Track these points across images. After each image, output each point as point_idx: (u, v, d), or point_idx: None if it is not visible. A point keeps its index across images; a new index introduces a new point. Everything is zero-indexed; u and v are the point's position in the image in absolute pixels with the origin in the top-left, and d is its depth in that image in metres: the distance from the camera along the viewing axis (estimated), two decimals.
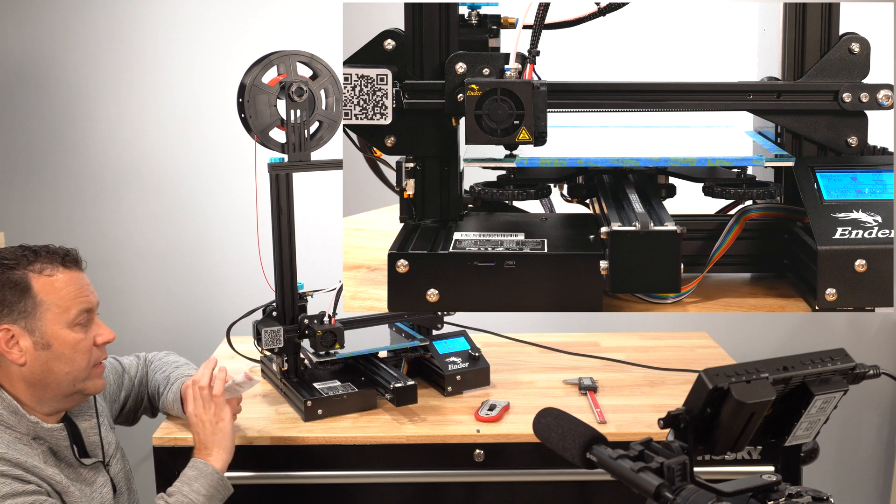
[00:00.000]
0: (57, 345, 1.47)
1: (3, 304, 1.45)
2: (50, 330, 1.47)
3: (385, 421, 1.76)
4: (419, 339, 1.93)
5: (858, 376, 1.06)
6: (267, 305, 1.89)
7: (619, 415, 1.79)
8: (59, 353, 1.48)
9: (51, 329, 1.47)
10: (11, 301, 1.45)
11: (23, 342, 1.46)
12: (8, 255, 1.48)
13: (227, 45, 2.47)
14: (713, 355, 2.16)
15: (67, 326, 1.48)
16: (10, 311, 1.45)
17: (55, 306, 1.47)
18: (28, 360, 1.46)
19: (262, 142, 1.81)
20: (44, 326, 1.46)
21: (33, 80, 2.49)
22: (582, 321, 2.42)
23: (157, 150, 2.54)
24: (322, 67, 1.84)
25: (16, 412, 1.45)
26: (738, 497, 0.96)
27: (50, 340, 1.47)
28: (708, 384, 0.97)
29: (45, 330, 1.46)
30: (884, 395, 2.68)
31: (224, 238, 2.56)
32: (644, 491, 0.95)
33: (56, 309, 1.47)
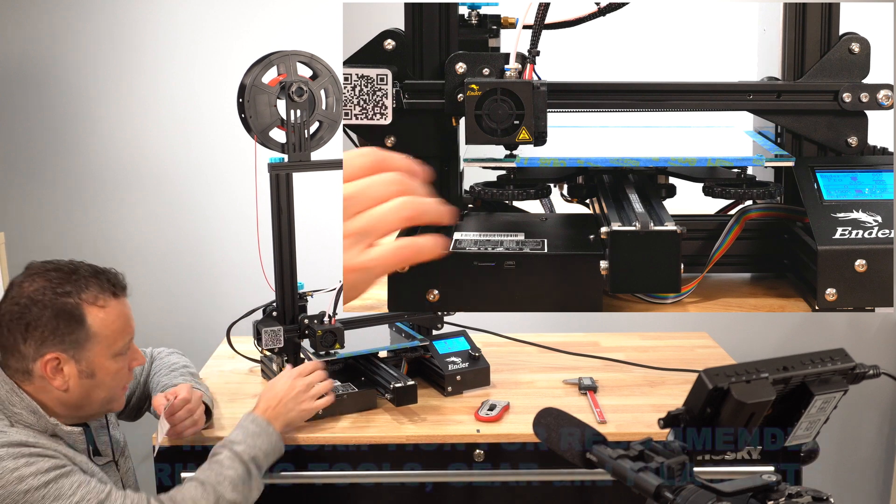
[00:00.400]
0: (100, 374, 1.49)
1: (55, 333, 1.44)
2: (96, 361, 1.48)
3: (385, 421, 1.76)
4: (419, 339, 1.93)
5: (858, 376, 1.06)
6: (267, 305, 1.89)
7: (619, 415, 1.79)
8: (100, 381, 1.50)
9: (97, 360, 1.48)
10: (64, 331, 1.44)
11: (67, 369, 1.46)
12: (59, 279, 1.46)
13: (227, 45, 2.47)
14: (713, 355, 2.16)
15: (111, 357, 1.50)
16: (61, 341, 1.44)
17: (105, 339, 1.48)
18: (71, 387, 1.47)
19: (262, 142, 1.81)
20: (91, 357, 1.47)
21: (33, 80, 2.49)
22: (582, 321, 2.41)
23: (157, 150, 2.54)
24: (322, 67, 1.84)
25: (35, 412, 1.45)
26: (738, 497, 0.96)
27: (95, 370, 1.48)
28: (708, 384, 0.97)
29: (91, 360, 1.47)
30: (884, 395, 2.68)
31: (224, 238, 2.56)
32: (644, 491, 0.95)
33: (106, 342, 1.48)
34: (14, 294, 1.45)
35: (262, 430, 1.60)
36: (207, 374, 2.02)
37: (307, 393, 1.69)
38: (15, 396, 1.44)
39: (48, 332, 1.43)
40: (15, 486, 1.33)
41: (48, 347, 1.44)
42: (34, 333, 1.43)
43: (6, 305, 1.45)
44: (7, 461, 1.35)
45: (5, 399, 1.44)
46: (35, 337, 1.43)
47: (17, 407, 1.44)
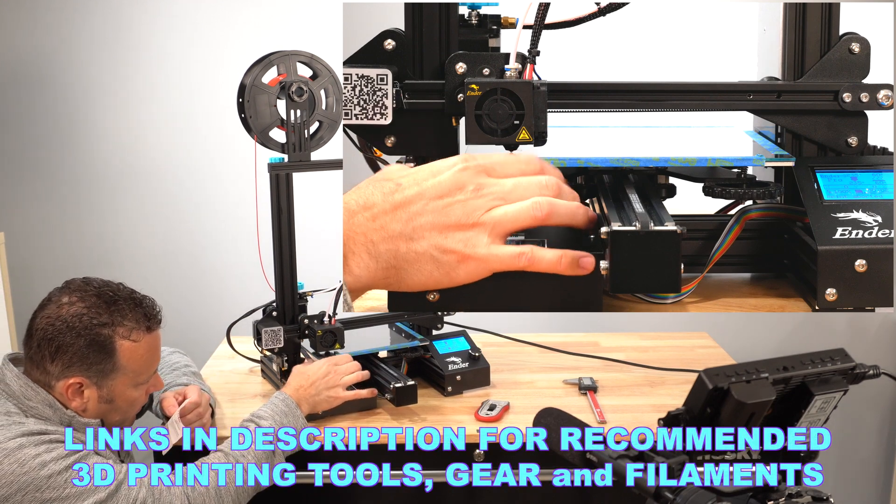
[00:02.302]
0: (119, 401, 1.51)
1: (84, 361, 1.45)
2: (118, 389, 1.50)
3: (385, 421, 1.76)
4: (419, 339, 1.93)
5: (858, 376, 1.06)
6: (267, 305, 1.89)
7: (619, 415, 1.79)
8: (118, 406, 1.51)
9: (118, 389, 1.50)
10: (92, 360, 1.45)
11: (88, 393, 1.47)
12: (97, 307, 1.46)
13: (227, 45, 2.47)
14: (713, 355, 2.16)
15: (133, 386, 1.51)
16: (87, 368, 1.45)
17: (132, 372, 1.50)
18: (88, 409, 1.49)
19: (262, 142, 1.81)
20: (114, 386, 1.49)
21: (34, 80, 2.49)
22: (582, 321, 2.42)
23: (157, 151, 2.54)
24: (322, 67, 1.84)
25: (52, 405, 1.46)
26: (738, 497, 0.96)
27: (115, 398, 1.50)
28: (708, 384, 0.97)
29: (113, 389, 1.49)
30: (884, 395, 2.68)
31: (224, 238, 2.56)
32: (644, 491, 0.95)
33: (131, 374, 1.50)
34: (51, 313, 1.45)
35: (290, 410, 1.64)
36: (207, 374, 2.02)
37: (339, 381, 1.72)
38: (31, 391, 1.45)
39: (77, 358, 1.45)
40: (38, 471, 1.35)
41: (74, 372, 1.45)
42: (63, 357, 1.44)
43: (41, 321, 1.45)
44: (28, 448, 1.37)
45: (20, 394, 1.45)
46: (63, 360, 1.45)
47: (32, 401, 1.45)
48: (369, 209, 1.38)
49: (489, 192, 1.39)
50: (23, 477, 1.34)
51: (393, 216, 1.38)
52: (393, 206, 1.38)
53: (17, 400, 1.44)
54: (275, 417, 1.61)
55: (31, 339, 1.46)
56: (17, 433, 1.38)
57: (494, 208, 1.39)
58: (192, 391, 1.68)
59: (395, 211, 1.38)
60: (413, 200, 1.38)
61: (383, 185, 1.40)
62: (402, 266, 1.38)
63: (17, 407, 1.44)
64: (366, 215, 1.38)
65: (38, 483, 1.34)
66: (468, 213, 1.38)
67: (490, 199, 1.40)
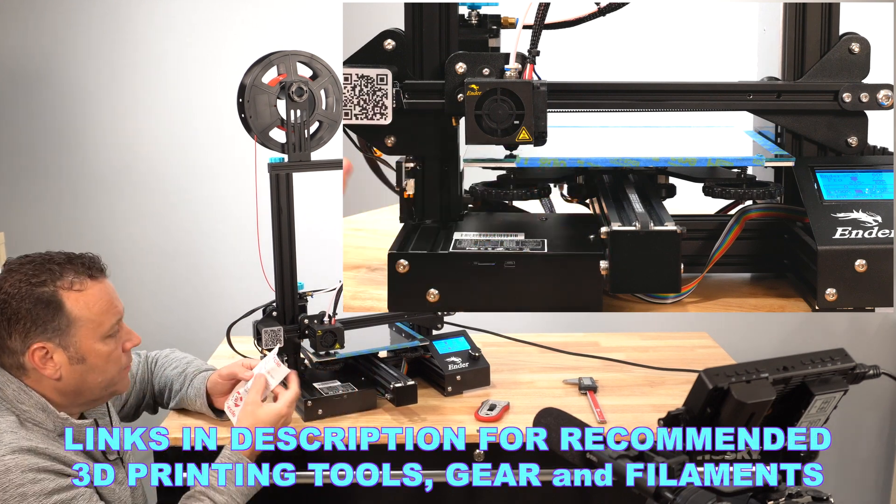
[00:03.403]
0: (91, 358, 1.48)
1: (36, 323, 1.43)
2: (84, 345, 1.47)
3: (385, 421, 1.76)
4: (419, 339, 1.93)
5: (858, 376, 1.06)
6: (267, 305, 1.89)
7: (619, 415, 1.79)
8: (93, 365, 1.49)
9: (85, 344, 1.47)
10: (44, 319, 1.44)
11: (57, 357, 1.45)
12: (33, 271, 1.46)
13: (227, 45, 2.47)
14: (713, 355, 2.16)
15: (100, 339, 1.49)
16: (43, 330, 1.44)
17: (89, 322, 1.47)
18: (63, 375, 1.46)
19: (262, 142, 1.81)
20: (78, 342, 1.46)
21: (33, 80, 2.49)
22: (582, 321, 2.41)
23: (156, 150, 2.54)
24: (322, 67, 1.84)
25: (44, 409, 1.45)
26: (738, 497, 0.96)
27: (84, 355, 1.47)
28: (708, 384, 0.98)
29: (79, 346, 1.47)
30: (884, 395, 2.68)
31: (224, 238, 2.56)
32: (644, 491, 0.95)
33: (90, 325, 1.47)
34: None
35: (239, 471, 1.56)
36: None
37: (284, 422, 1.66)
38: (23, 394, 1.44)
39: (29, 322, 1.43)
40: (17, 501, 1.34)
41: (32, 338, 1.44)
42: (17, 327, 1.43)
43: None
44: (14, 474, 1.35)
45: (13, 398, 1.44)
46: (18, 330, 1.43)
47: (25, 405, 1.44)
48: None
49: None
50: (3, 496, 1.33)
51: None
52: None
53: (11, 404, 1.44)
54: (230, 489, 1.54)
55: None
56: (8, 451, 1.37)
57: None
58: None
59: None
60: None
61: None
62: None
63: (11, 411, 1.44)
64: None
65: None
66: None
67: None
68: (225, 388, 1.74)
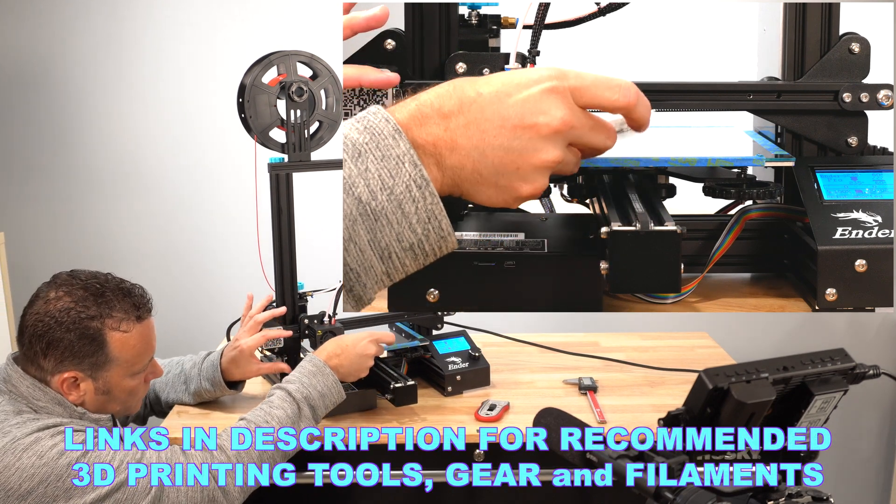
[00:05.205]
0: (116, 392, 1.52)
1: (75, 355, 1.45)
2: (113, 380, 1.50)
3: (385, 421, 1.76)
4: (419, 339, 1.93)
5: (858, 376, 1.06)
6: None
7: (619, 415, 1.79)
8: (115, 396, 1.52)
9: (114, 379, 1.50)
10: (84, 353, 1.46)
11: (84, 386, 1.48)
12: (85, 300, 1.46)
13: (227, 45, 2.47)
14: (713, 355, 2.16)
15: (129, 376, 1.52)
16: (80, 361, 1.46)
17: (125, 362, 1.50)
18: (86, 402, 1.49)
19: (262, 142, 1.81)
20: (109, 377, 1.49)
21: (33, 80, 2.49)
22: (582, 321, 2.42)
23: (156, 150, 2.54)
24: (322, 67, 1.84)
25: (61, 403, 1.47)
26: (738, 497, 0.96)
27: (111, 388, 1.51)
28: (708, 384, 0.98)
29: (108, 380, 1.50)
30: (884, 395, 2.68)
31: (224, 238, 2.56)
32: (644, 491, 0.95)
33: (125, 364, 1.50)
34: (39, 309, 1.46)
35: (318, 370, 1.65)
36: None
37: (370, 356, 1.72)
38: (38, 391, 1.45)
39: (69, 353, 1.45)
40: (56, 460, 1.35)
41: (67, 367, 1.46)
42: (54, 352, 1.45)
43: (30, 318, 1.46)
44: (44, 440, 1.37)
45: (29, 395, 1.45)
46: (55, 355, 1.45)
47: (41, 401, 1.45)
48: (445, 119, 1.28)
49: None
50: (42, 469, 1.34)
51: (465, 131, 1.28)
52: (466, 123, 1.28)
53: (27, 401, 1.45)
54: (301, 380, 1.62)
55: (23, 336, 1.47)
56: (32, 429, 1.39)
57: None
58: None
59: (468, 126, 1.28)
60: (490, 119, 1.28)
61: (462, 92, 1.29)
62: (464, 186, 1.31)
63: (28, 407, 1.45)
64: (439, 124, 1.28)
65: (59, 472, 1.35)
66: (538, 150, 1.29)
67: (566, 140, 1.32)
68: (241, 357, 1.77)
